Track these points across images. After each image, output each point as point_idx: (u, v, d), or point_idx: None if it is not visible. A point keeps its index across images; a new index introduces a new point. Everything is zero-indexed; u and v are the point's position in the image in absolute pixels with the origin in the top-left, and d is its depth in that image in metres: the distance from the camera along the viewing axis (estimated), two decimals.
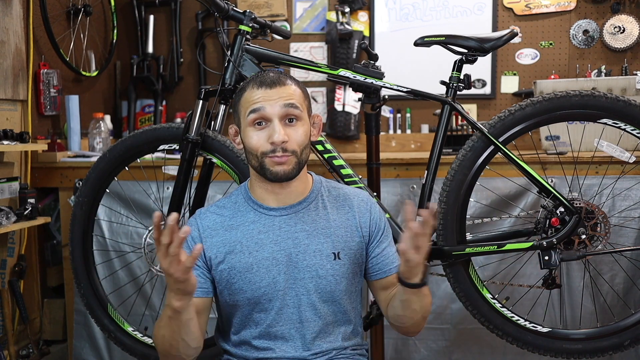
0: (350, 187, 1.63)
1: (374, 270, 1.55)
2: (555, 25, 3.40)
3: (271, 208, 1.49)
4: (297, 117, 1.44)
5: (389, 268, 1.55)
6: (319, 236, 1.48)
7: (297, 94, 1.45)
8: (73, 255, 2.17)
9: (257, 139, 1.42)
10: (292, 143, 1.42)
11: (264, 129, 1.42)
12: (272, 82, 1.43)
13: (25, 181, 2.64)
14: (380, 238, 1.55)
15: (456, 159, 1.93)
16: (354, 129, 3.46)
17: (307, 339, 1.47)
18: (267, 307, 1.46)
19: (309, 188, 1.53)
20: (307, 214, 1.49)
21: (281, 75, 1.46)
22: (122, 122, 3.58)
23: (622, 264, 2.35)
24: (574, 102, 1.88)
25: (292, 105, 1.43)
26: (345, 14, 3.43)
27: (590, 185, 2.27)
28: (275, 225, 1.48)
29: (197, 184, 2.01)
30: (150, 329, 2.42)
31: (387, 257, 1.55)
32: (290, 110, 1.42)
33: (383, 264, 1.55)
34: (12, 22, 2.55)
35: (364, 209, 1.54)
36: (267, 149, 1.41)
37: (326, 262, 1.46)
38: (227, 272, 1.46)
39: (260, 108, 1.41)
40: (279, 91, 1.43)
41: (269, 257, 1.45)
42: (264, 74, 1.47)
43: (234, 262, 1.46)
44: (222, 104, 2.00)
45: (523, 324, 1.98)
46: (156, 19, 3.58)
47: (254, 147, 1.43)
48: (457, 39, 1.95)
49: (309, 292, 1.46)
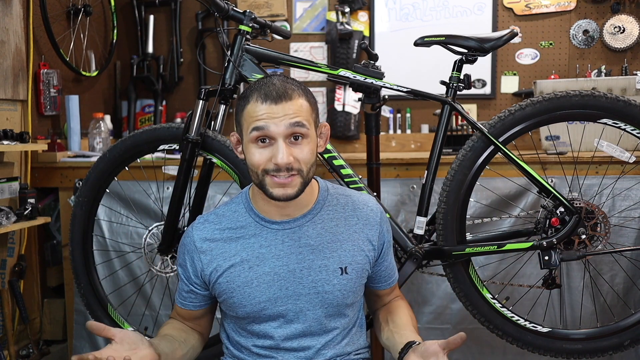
0: (358, 194, 1.54)
1: (375, 280, 1.56)
2: (555, 25, 3.40)
3: (274, 222, 1.42)
4: (303, 135, 1.34)
5: (392, 280, 1.58)
6: (324, 251, 1.42)
7: (304, 109, 1.35)
8: (73, 255, 2.17)
9: (260, 157, 1.34)
10: (298, 162, 1.34)
11: (267, 147, 1.33)
12: (277, 97, 1.32)
13: (25, 181, 2.64)
14: (386, 250, 1.54)
15: (456, 159, 1.93)
16: (354, 129, 3.46)
17: (311, 350, 1.45)
18: (268, 322, 1.44)
19: (315, 198, 1.46)
20: (312, 228, 1.43)
21: (288, 87, 1.35)
22: (122, 122, 3.58)
23: (622, 264, 2.35)
24: (574, 102, 1.88)
25: (298, 124, 1.32)
26: (345, 14, 3.43)
27: (590, 185, 2.27)
28: (278, 240, 1.42)
29: (197, 184, 2.01)
30: (150, 329, 2.43)
31: (390, 268, 1.57)
32: (296, 130, 1.32)
33: (386, 276, 1.57)
34: (12, 22, 2.55)
35: (373, 220, 1.49)
36: (270, 167, 1.33)
37: (332, 277, 1.42)
38: (226, 285, 1.42)
39: (264, 127, 1.32)
40: (285, 107, 1.32)
41: (270, 272, 1.41)
42: (269, 85, 1.35)
43: (232, 276, 1.42)
44: (222, 104, 2.00)
45: (523, 324, 1.98)
46: (156, 19, 3.58)
47: (255, 164, 1.35)
48: (457, 39, 1.95)
49: (314, 307, 1.42)
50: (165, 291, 2.49)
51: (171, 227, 2.01)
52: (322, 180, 1.52)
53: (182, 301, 1.52)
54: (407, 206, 2.57)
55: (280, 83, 1.36)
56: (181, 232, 2.03)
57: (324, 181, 1.52)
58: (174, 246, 2.04)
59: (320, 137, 1.45)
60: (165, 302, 2.51)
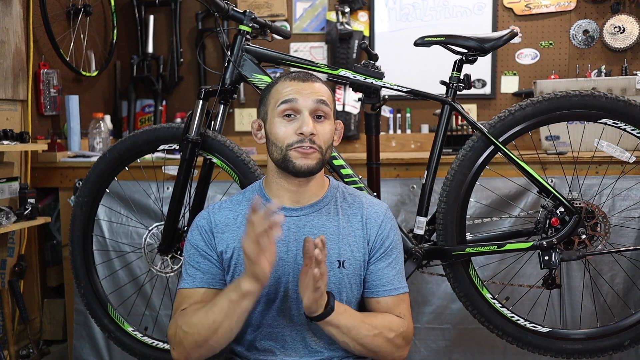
0: (369, 197, 1.58)
1: (365, 284, 1.51)
2: (555, 25, 3.41)
3: (282, 207, 1.47)
4: (325, 115, 1.45)
5: (377, 290, 1.48)
6: (326, 242, 1.45)
7: (327, 94, 1.47)
8: (73, 255, 2.17)
9: (285, 130, 1.42)
10: (319, 138, 1.42)
11: (293, 121, 1.43)
12: (304, 77, 1.47)
13: (25, 181, 2.64)
14: (379, 255, 1.49)
15: (456, 159, 1.93)
16: (354, 129, 3.46)
17: (308, 342, 1.46)
18: (270, 307, 1.46)
19: (324, 192, 1.52)
20: (318, 218, 1.48)
21: (311, 75, 1.50)
22: (122, 122, 3.58)
23: (622, 264, 2.35)
24: (574, 102, 1.87)
25: (323, 102, 1.44)
26: (345, 14, 3.43)
27: (590, 185, 2.27)
28: (284, 226, 1.45)
29: (197, 184, 2.01)
30: (150, 329, 2.43)
31: (380, 277, 1.49)
32: (320, 107, 1.44)
33: (372, 283, 1.49)
34: (12, 22, 2.55)
35: (374, 221, 1.51)
36: (294, 139, 1.41)
37: (329, 269, 1.44)
38: (234, 267, 1.46)
39: (293, 99, 1.42)
40: (311, 86, 1.45)
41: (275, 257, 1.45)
42: (295, 71, 1.50)
43: (241, 259, 1.45)
44: (222, 104, 2.00)
45: (523, 324, 1.98)
46: (156, 19, 3.58)
47: (280, 137, 1.43)
48: (457, 39, 1.95)
49: None
50: (165, 291, 2.49)
51: (171, 227, 2.01)
52: (334, 180, 1.58)
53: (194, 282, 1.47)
54: (407, 206, 2.57)
55: (304, 72, 1.51)
56: (181, 232, 2.03)
57: (336, 181, 1.58)
58: (174, 246, 2.04)
59: (335, 133, 1.53)
60: (165, 302, 2.51)
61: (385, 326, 1.44)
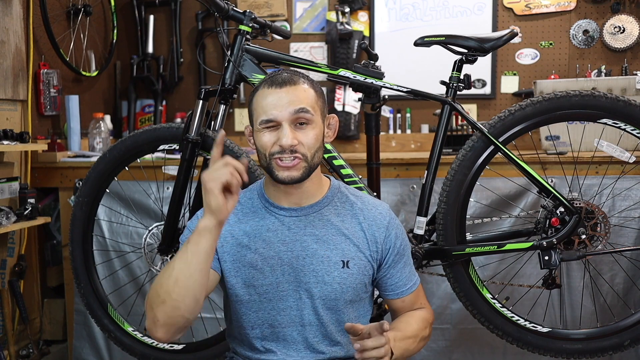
0: (373, 199, 1.58)
1: (386, 290, 1.55)
2: (555, 25, 3.40)
3: (282, 208, 1.48)
4: (307, 121, 1.42)
5: (401, 290, 1.55)
6: (328, 242, 1.46)
7: (309, 97, 1.43)
8: (73, 255, 2.17)
9: (267, 140, 1.42)
10: (302, 146, 1.41)
11: (274, 131, 1.41)
12: (282, 82, 1.42)
13: (25, 181, 2.64)
14: (394, 258, 1.52)
15: (456, 159, 1.93)
16: (354, 129, 3.46)
17: (310, 343, 1.46)
18: (269, 306, 1.46)
19: (324, 192, 1.51)
20: (319, 219, 1.48)
21: (294, 75, 1.44)
22: (122, 122, 3.58)
23: (622, 264, 2.35)
24: (574, 102, 1.88)
25: (303, 110, 1.40)
26: (345, 14, 3.43)
27: (590, 185, 2.27)
28: (285, 226, 1.47)
29: (197, 184, 2.01)
30: None
31: (401, 278, 1.54)
32: (300, 115, 1.41)
33: (395, 286, 1.54)
34: (12, 22, 2.55)
35: (380, 222, 1.51)
36: (275, 149, 1.40)
37: (333, 269, 1.44)
38: (231, 263, 1.46)
39: (271, 118, 1.40)
40: (289, 92, 1.41)
41: (274, 256, 1.45)
42: (277, 74, 1.46)
43: (239, 255, 1.46)
44: (222, 104, 2.00)
45: (523, 324, 1.98)
46: (156, 19, 3.58)
47: (263, 146, 1.43)
48: (457, 39, 1.95)
49: (312, 296, 1.45)
50: None
51: (171, 227, 2.01)
52: (335, 180, 1.57)
53: None
54: (407, 206, 2.57)
55: (287, 73, 1.46)
56: (181, 232, 2.03)
57: (337, 181, 1.57)
58: (174, 246, 2.04)
59: (329, 128, 1.52)
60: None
61: (421, 328, 1.52)
